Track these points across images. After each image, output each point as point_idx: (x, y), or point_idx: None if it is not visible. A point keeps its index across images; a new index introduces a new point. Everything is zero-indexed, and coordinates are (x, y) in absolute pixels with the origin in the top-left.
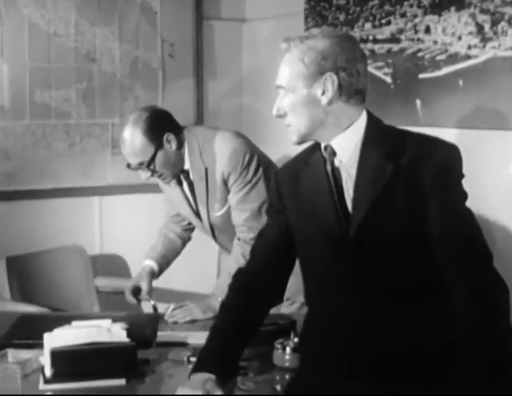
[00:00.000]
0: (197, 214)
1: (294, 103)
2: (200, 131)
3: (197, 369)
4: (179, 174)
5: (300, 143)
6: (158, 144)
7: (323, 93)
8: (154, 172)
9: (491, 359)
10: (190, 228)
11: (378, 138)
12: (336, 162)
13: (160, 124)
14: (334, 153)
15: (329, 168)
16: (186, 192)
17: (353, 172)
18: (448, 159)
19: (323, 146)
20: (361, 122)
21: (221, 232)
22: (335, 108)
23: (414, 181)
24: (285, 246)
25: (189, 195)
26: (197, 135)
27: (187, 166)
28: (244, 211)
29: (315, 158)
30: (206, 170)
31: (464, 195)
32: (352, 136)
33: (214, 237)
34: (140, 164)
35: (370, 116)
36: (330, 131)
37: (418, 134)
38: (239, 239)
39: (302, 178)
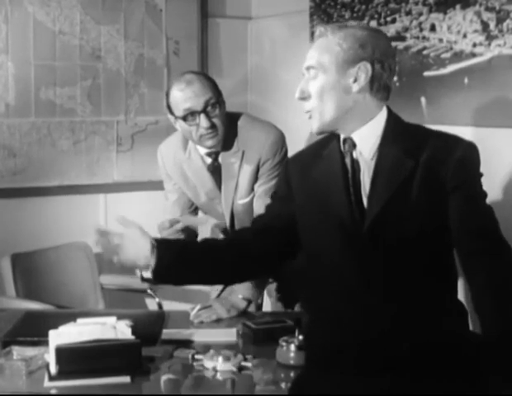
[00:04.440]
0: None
1: (323, 86)
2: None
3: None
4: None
5: (320, 132)
6: (220, 94)
7: (355, 81)
8: (214, 118)
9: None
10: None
11: (398, 134)
12: (355, 155)
13: None
14: (353, 146)
15: (348, 160)
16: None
17: (372, 164)
18: (467, 157)
19: (342, 138)
20: (381, 117)
21: (240, 223)
22: (362, 99)
23: (432, 178)
24: (278, 231)
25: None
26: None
27: (219, 148)
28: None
29: (328, 151)
30: (243, 153)
31: (484, 193)
32: (373, 130)
33: (231, 229)
34: (208, 100)
35: (390, 112)
36: (353, 122)
37: (437, 131)
38: None
39: (315, 170)
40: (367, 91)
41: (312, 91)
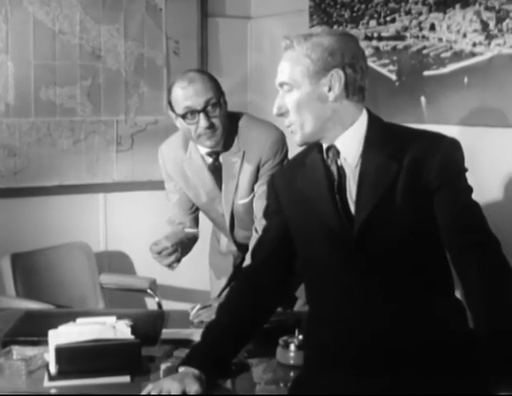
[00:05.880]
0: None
1: (299, 100)
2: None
3: (185, 362)
4: (221, 143)
5: (304, 143)
6: (222, 94)
7: (329, 90)
8: (214, 118)
9: (506, 347)
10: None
11: (380, 136)
12: (339, 162)
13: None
14: (337, 153)
15: (333, 168)
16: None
17: (357, 170)
18: (450, 155)
19: (325, 147)
20: (362, 120)
21: (240, 223)
22: (340, 106)
23: (418, 178)
24: (283, 247)
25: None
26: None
27: (220, 148)
28: None
29: (310, 158)
30: (244, 153)
31: (469, 188)
32: (355, 135)
33: (231, 229)
34: (209, 100)
35: (370, 114)
36: (335, 130)
37: (419, 130)
38: (257, 232)
39: (299, 179)
40: (344, 97)
41: (289, 105)
